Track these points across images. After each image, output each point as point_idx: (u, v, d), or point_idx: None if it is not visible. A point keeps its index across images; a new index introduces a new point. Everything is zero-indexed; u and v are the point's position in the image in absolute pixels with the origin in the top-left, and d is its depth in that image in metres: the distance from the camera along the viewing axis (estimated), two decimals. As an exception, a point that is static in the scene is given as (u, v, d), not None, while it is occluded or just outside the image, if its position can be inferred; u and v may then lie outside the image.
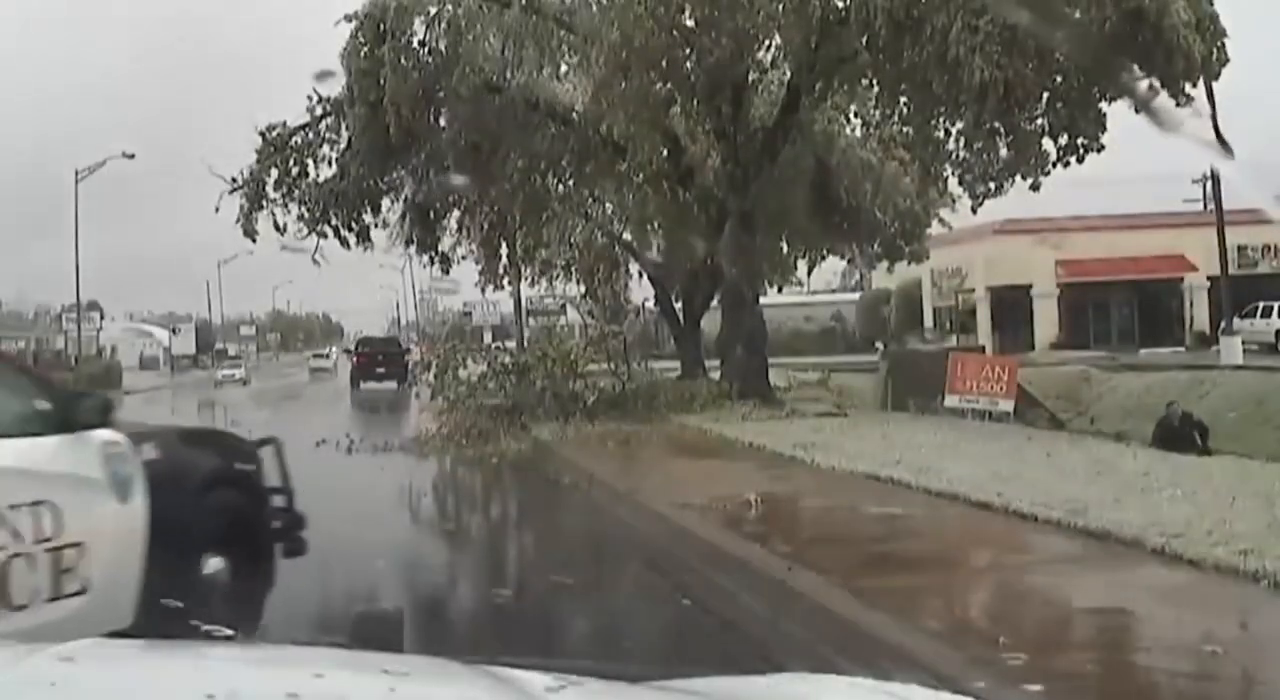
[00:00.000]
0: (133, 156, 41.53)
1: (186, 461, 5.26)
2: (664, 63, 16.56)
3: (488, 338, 42.50)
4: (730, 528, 7.93)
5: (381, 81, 17.23)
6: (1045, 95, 15.26)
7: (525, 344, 29.21)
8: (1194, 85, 14.71)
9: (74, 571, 4.27)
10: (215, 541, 5.05)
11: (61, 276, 42.07)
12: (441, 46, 17.53)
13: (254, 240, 20.21)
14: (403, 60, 17.32)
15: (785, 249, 24.26)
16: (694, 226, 20.55)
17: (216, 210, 20.01)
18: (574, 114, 18.94)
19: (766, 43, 17.68)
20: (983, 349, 29.40)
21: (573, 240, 25.69)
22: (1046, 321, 37.34)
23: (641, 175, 18.33)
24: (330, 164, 19.88)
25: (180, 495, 4.86)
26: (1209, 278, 33.01)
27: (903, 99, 16.61)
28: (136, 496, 4.61)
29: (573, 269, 27.51)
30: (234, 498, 5.45)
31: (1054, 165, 16.08)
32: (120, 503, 4.56)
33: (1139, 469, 10.14)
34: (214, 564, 5.02)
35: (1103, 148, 15.75)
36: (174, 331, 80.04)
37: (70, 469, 4.41)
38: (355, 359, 41.02)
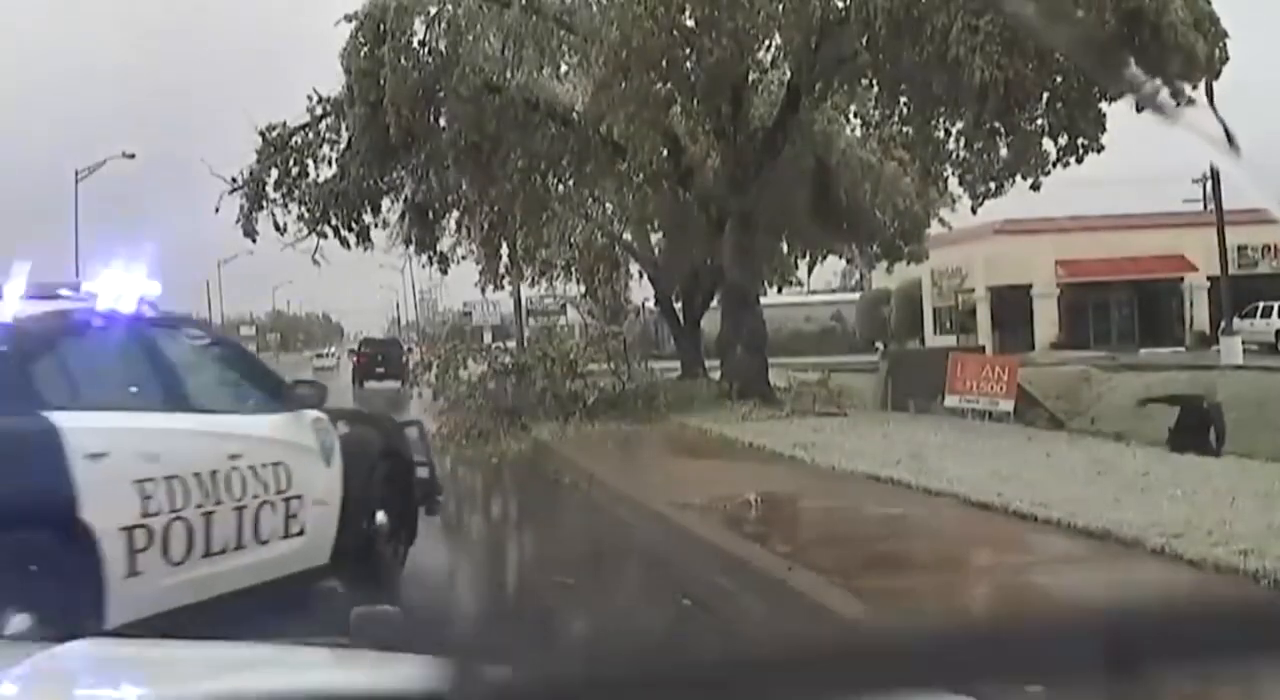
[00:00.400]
0: (133, 156, 41.42)
1: (365, 436, 6.64)
2: (664, 63, 16.53)
3: (488, 338, 42.46)
4: (730, 528, 7.93)
5: (381, 81, 17.21)
6: (1045, 95, 15.26)
7: (525, 344, 29.19)
8: (1194, 85, 14.70)
9: (297, 517, 5.51)
10: (381, 500, 6.45)
11: (62, 276, 41.70)
12: (441, 46, 17.51)
13: (254, 240, 20.24)
14: (403, 60, 17.30)
15: (785, 249, 24.27)
16: (694, 226, 20.55)
17: (216, 210, 20.05)
18: (574, 114, 18.92)
19: (766, 43, 17.65)
20: (983, 349, 29.39)
21: (573, 240, 25.69)
22: (1046, 321, 37.34)
23: (641, 175, 18.31)
24: (330, 164, 19.86)
25: (361, 462, 6.22)
26: (1209, 278, 33.05)
27: (903, 99, 16.62)
28: (335, 462, 5.95)
29: (573, 269, 27.52)
30: (393, 466, 6.83)
31: (1054, 165, 16.10)
32: (326, 466, 5.87)
33: (1139, 469, 10.12)
34: (380, 518, 6.39)
35: (1102, 148, 15.76)
36: (174, 331, 79.79)
37: (294, 438, 5.70)
38: (357, 359, 41.78)
